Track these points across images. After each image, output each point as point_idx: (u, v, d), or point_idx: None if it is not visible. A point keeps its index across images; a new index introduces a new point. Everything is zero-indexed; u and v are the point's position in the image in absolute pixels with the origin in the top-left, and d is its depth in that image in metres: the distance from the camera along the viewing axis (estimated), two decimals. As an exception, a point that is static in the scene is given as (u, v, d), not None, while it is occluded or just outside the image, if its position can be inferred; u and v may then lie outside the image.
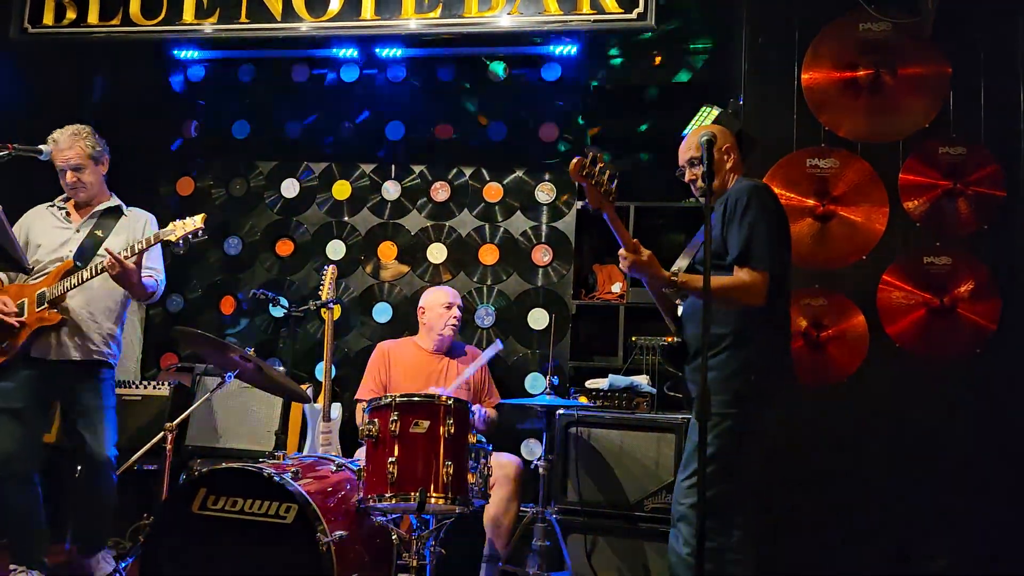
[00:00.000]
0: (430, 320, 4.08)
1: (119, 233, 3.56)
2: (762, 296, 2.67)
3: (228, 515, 2.74)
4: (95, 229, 3.54)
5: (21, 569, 3.36)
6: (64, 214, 3.60)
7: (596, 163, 2.65)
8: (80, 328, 3.42)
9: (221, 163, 5.15)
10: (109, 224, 3.57)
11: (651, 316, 4.03)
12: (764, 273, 2.66)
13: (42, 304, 3.35)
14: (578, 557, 3.51)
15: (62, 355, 3.40)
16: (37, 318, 3.34)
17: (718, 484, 2.66)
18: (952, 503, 3.53)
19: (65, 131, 3.53)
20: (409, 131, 4.96)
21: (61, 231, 3.54)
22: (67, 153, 3.50)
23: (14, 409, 3.34)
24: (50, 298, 3.35)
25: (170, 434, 3.11)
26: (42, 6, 4.73)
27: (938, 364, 3.63)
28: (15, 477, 3.33)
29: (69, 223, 3.57)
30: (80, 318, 3.42)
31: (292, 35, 4.51)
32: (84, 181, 3.54)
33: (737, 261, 2.69)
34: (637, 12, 4.10)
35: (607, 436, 3.62)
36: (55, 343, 3.40)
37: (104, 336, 3.50)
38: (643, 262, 2.68)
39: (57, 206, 3.63)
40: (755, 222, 2.69)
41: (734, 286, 2.66)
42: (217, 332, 4.95)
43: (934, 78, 3.76)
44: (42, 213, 3.61)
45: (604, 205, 2.72)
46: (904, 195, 3.73)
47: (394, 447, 2.81)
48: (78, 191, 3.56)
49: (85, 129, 3.57)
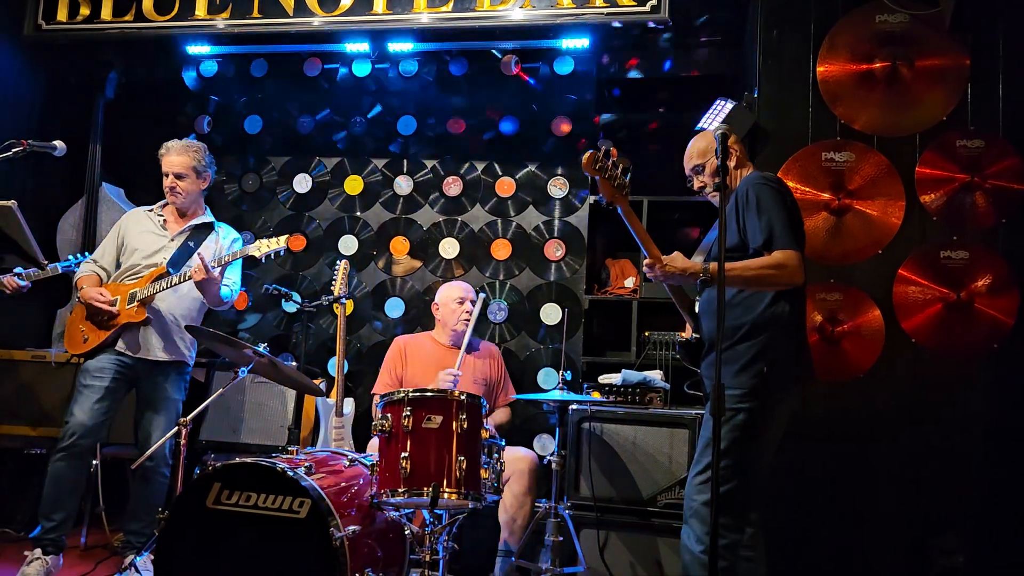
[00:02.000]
0: (444, 315, 4.08)
1: (208, 247, 3.78)
2: (800, 273, 2.65)
3: (242, 509, 2.75)
4: (188, 240, 3.77)
5: (36, 556, 3.43)
6: (161, 222, 3.81)
7: (609, 156, 2.63)
8: (166, 329, 3.68)
9: (233, 158, 5.17)
10: (200, 238, 3.80)
11: (664, 311, 4.02)
12: (795, 252, 2.64)
13: (132, 302, 3.60)
14: (591, 552, 3.51)
15: (148, 354, 3.64)
16: (126, 314, 3.59)
17: (731, 479, 2.65)
18: (969, 499, 3.50)
19: (180, 141, 3.79)
20: (421, 126, 4.95)
21: (157, 238, 3.77)
22: (174, 159, 3.73)
23: (97, 387, 3.56)
24: (140, 298, 3.59)
25: (184, 429, 3.12)
26: (56, 2, 4.76)
27: (955, 359, 3.60)
28: (78, 450, 3.50)
29: (165, 232, 3.79)
30: (167, 320, 3.68)
31: (304, 30, 4.52)
32: (181, 189, 3.75)
33: (764, 247, 2.67)
34: (650, 4, 4.08)
35: (620, 431, 3.61)
36: (142, 342, 3.64)
37: (186, 341, 3.76)
38: (672, 270, 2.67)
39: (156, 212, 3.84)
40: (771, 207, 2.69)
41: (769, 266, 2.63)
42: (231, 328, 4.98)
43: (952, 70, 3.71)
44: (140, 217, 3.83)
45: (617, 199, 2.70)
46: (921, 188, 3.69)
47: (407, 442, 2.81)
48: (175, 197, 3.77)
49: (198, 144, 3.83)
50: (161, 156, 3.76)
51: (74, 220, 4.89)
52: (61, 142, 3.53)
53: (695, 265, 2.70)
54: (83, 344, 3.63)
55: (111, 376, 3.58)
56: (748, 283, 2.70)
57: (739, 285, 2.71)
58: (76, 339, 3.66)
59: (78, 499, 3.61)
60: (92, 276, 3.74)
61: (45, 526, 3.48)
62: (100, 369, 3.58)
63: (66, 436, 3.49)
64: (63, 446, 3.48)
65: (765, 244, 2.67)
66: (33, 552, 3.44)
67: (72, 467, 3.50)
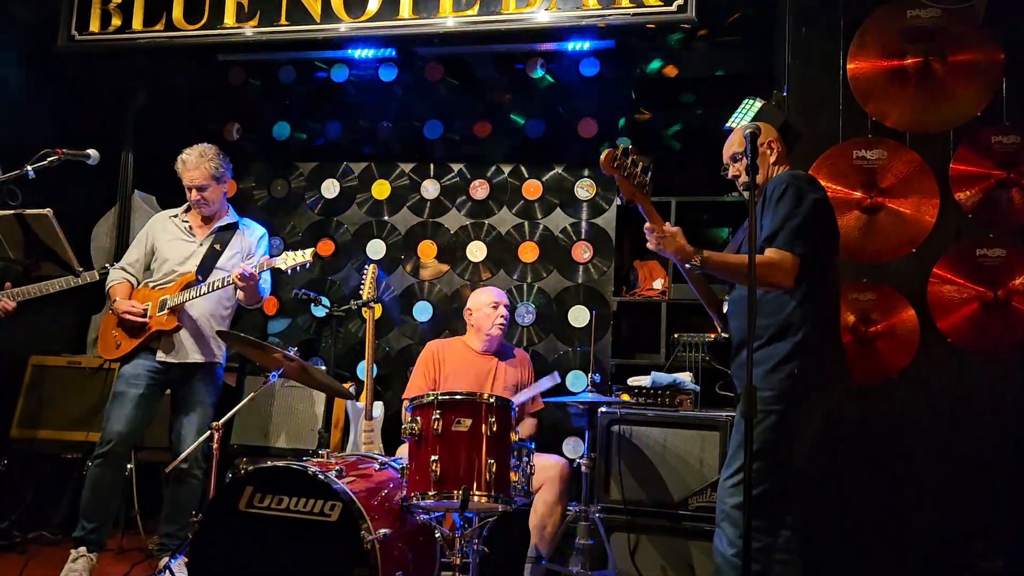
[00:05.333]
0: (477, 321, 4.05)
1: (234, 247, 3.84)
2: (789, 276, 2.61)
3: (274, 513, 2.77)
4: (214, 243, 3.81)
5: (81, 553, 3.50)
6: (187, 228, 3.84)
7: (628, 155, 2.60)
8: (201, 333, 3.72)
9: (262, 165, 5.21)
10: (226, 239, 3.84)
11: (694, 312, 3.99)
12: (791, 255, 2.61)
13: (162, 310, 3.64)
14: (622, 556, 3.49)
15: (182, 357, 3.69)
16: (157, 321, 3.64)
17: (764, 482, 2.61)
18: (1008, 502, 3.43)
19: (193, 151, 3.77)
20: (447, 130, 4.96)
21: (185, 244, 3.81)
22: (193, 173, 3.74)
23: (132, 394, 3.61)
24: (171, 305, 3.63)
25: (216, 433, 3.15)
26: (88, 14, 4.84)
27: (992, 359, 3.53)
28: (114, 456, 3.56)
29: (192, 237, 3.83)
30: (200, 325, 3.72)
31: (331, 36, 4.54)
32: (207, 199, 3.78)
33: (765, 242, 2.65)
34: (677, 4, 4.05)
35: (650, 434, 3.58)
36: (176, 346, 3.68)
37: (218, 342, 3.79)
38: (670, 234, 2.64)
39: (181, 218, 3.87)
40: (788, 207, 2.65)
41: (761, 262, 2.60)
42: (261, 332, 5.02)
43: (986, 65, 3.64)
44: (166, 224, 3.87)
45: (637, 197, 2.68)
46: (955, 186, 3.63)
47: (436, 445, 2.82)
48: (201, 208, 3.81)
49: (211, 150, 3.80)
50: (179, 171, 3.78)
51: (107, 227, 4.97)
52: (94, 151, 3.57)
53: (687, 248, 2.65)
54: (116, 350, 3.69)
55: (145, 382, 3.63)
56: (732, 275, 2.69)
57: (726, 276, 2.73)
58: (109, 345, 3.72)
59: (118, 501, 3.70)
60: (124, 285, 3.78)
61: (86, 527, 3.53)
62: (135, 375, 3.63)
63: (103, 443, 3.55)
64: (100, 452, 3.54)
65: (765, 240, 2.65)
66: (78, 550, 3.50)
67: (110, 472, 3.57)
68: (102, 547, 3.59)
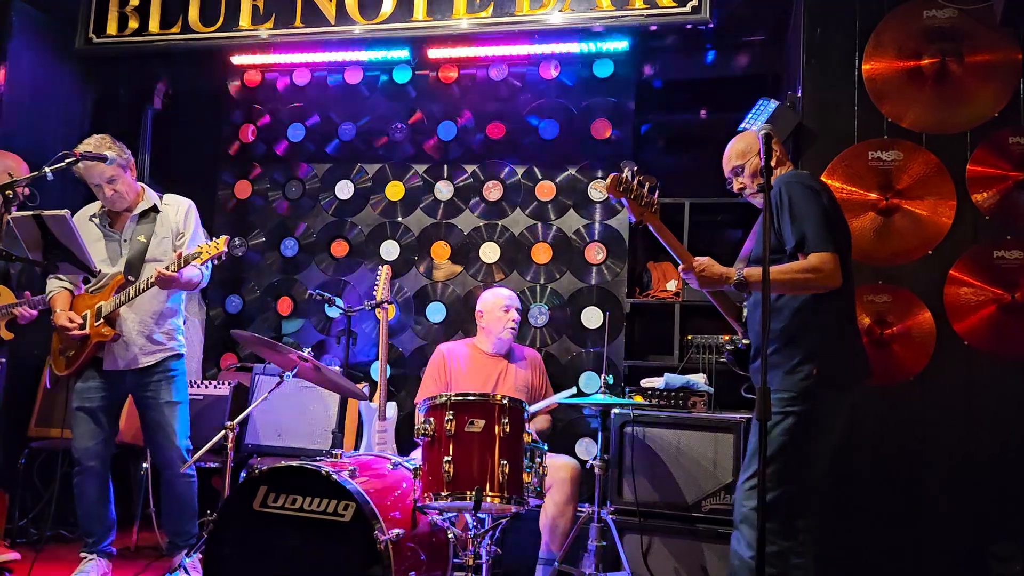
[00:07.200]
0: (488, 323, 4.05)
1: (159, 232, 3.62)
2: (836, 275, 2.61)
3: (288, 512, 2.79)
4: (137, 235, 3.60)
5: (91, 557, 3.53)
6: (107, 224, 3.64)
7: (634, 176, 2.63)
8: (142, 336, 3.57)
9: (277, 166, 5.24)
10: (149, 227, 3.62)
11: (707, 314, 3.98)
12: (831, 253, 2.60)
13: (99, 319, 3.49)
14: (634, 558, 3.48)
15: (131, 364, 3.56)
16: (96, 332, 3.49)
17: (781, 485, 2.60)
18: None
19: (88, 146, 3.49)
20: (460, 131, 4.97)
21: (110, 243, 3.61)
22: (97, 171, 3.47)
23: (90, 408, 3.54)
24: (105, 314, 3.48)
25: (231, 432, 3.16)
26: (105, 17, 4.88)
27: (1010, 363, 3.49)
28: (90, 470, 3.53)
29: (113, 232, 3.62)
30: (139, 329, 3.55)
31: (346, 37, 4.57)
32: (120, 191, 3.56)
33: (798, 248, 2.63)
34: (691, 5, 4.04)
35: (663, 436, 3.57)
36: (123, 353, 3.54)
37: (167, 332, 3.64)
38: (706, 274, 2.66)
39: (98, 216, 3.65)
40: (803, 207, 2.65)
41: (805, 270, 2.60)
42: (274, 332, 5.04)
43: (1004, 65, 3.61)
44: (87, 226, 3.61)
45: (647, 216, 2.72)
46: (972, 187, 3.60)
47: (449, 446, 2.82)
48: (116, 203, 3.59)
49: (106, 140, 3.55)
50: (81, 173, 3.50)
51: (124, 228, 5.00)
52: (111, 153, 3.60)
53: (728, 271, 2.68)
54: (67, 367, 3.56)
55: (99, 396, 3.54)
56: (784, 287, 2.67)
57: (776, 290, 2.67)
58: (60, 361, 3.59)
59: (109, 506, 3.62)
60: (62, 295, 3.60)
61: (88, 541, 3.56)
62: (87, 390, 3.54)
63: (76, 460, 3.53)
64: (76, 469, 3.53)
65: (798, 246, 2.64)
66: (89, 556, 3.54)
67: (91, 484, 3.53)
68: (111, 555, 3.60)
